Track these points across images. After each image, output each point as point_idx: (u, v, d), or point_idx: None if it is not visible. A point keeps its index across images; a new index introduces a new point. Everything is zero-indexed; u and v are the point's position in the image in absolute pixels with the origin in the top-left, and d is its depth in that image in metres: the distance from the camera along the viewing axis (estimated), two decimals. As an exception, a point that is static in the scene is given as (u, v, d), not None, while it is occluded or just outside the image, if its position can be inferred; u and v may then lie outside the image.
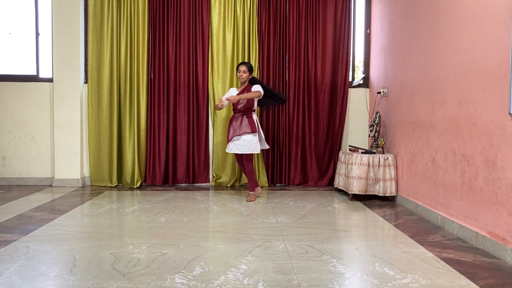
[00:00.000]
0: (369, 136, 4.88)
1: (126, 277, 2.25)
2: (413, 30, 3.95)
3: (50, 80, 5.21)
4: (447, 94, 3.30)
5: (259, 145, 4.30)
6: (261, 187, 5.13)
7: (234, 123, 4.32)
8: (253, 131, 4.22)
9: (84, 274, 2.29)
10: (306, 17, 5.18)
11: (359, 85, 5.36)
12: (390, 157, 4.31)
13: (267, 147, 4.59)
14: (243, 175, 5.22)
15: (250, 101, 4.31)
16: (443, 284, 2.21)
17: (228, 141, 4.34)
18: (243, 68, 4.33)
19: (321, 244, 2.86)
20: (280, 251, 2.71)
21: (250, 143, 4.22)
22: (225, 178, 5.25)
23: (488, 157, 2.75)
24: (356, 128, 5.39)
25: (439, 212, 3.42)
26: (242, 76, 4.33)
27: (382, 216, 3.72)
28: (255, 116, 4.36)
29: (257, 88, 4.29)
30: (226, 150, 4.44)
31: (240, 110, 4.32)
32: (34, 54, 5.26)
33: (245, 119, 4.27)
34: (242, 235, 3.09)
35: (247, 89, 4.33)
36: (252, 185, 4.36)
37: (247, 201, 4.30)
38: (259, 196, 4.51)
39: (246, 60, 5.10)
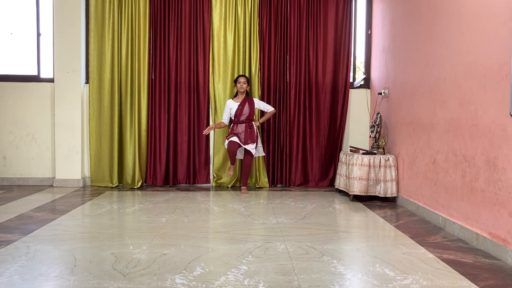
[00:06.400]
0: (370, 137, 4.88)
1: (126, 278, 2.25)
2: (414, 30, 3.95)
3: (51, 80, 5.22)
4: (448, 95, 3.29)
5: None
6: (262, 187, 5.17)
7: (239, 132, 4.72)
8: (252, 142, 4.68)
9: (84, 274, 2.29)
10: (307, 17, 5.18)
11: (360, 86, 5.36)
12: (391, 158, 4.30)
13: (263, 154, 4.96)
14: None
15: (251, 112, 4.76)
16: (443, 285, 2.21)
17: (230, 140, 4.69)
18: (243, 79, 4.78)
19: (322, 245, 2.86)
20: (280, 251, 2.71)
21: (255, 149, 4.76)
22: (225, 179, 5.25)
23: (489, 158, 2.75)
24: (357, 129, 5.38)
25: (440, 213, 3.42)
26: (243, 86, 4.77)
27: (382, 217, 3.72)
28: (255, 126, 4.79)
29: (268, 106, 4.88)
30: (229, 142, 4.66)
31: (243, 121, 4.74)
32: (35, 54, 5.26)
33: (247, 130, 4.70)
34: (242, 235, 3.09)
35: (248, 101, 4.78)
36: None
37: (243, 194, 4.72)
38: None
39: (246, 61, 5.14)
